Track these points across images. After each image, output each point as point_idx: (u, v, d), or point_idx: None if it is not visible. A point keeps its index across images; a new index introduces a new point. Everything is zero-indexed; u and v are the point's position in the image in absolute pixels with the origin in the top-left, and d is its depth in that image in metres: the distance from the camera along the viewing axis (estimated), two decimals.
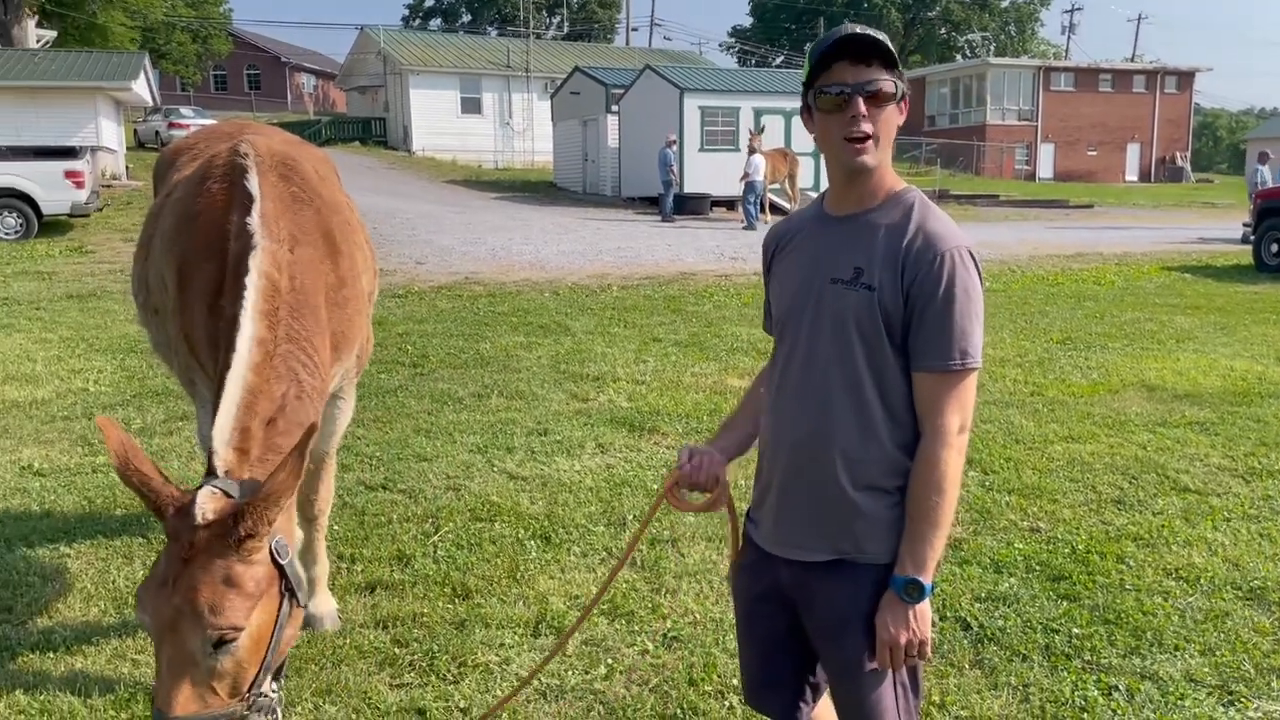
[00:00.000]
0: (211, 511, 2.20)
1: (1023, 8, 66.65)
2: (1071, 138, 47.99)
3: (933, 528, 1.93)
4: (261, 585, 2.24)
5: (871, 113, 1.91)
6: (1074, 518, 4.93)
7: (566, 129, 32.17)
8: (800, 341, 2.04)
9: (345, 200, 3.72)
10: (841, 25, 1.96)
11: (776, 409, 2.09)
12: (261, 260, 2.78)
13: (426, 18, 68.03)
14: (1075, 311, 11.56)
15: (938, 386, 1.93)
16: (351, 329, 3.32)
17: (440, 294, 12.38)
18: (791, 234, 2.16)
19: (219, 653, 2.17)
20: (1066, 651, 3.62)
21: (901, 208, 1.99)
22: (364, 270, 3.62)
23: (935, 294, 1.90)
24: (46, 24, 36.42)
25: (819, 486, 2.01)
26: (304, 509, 3.73)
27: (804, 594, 2.08)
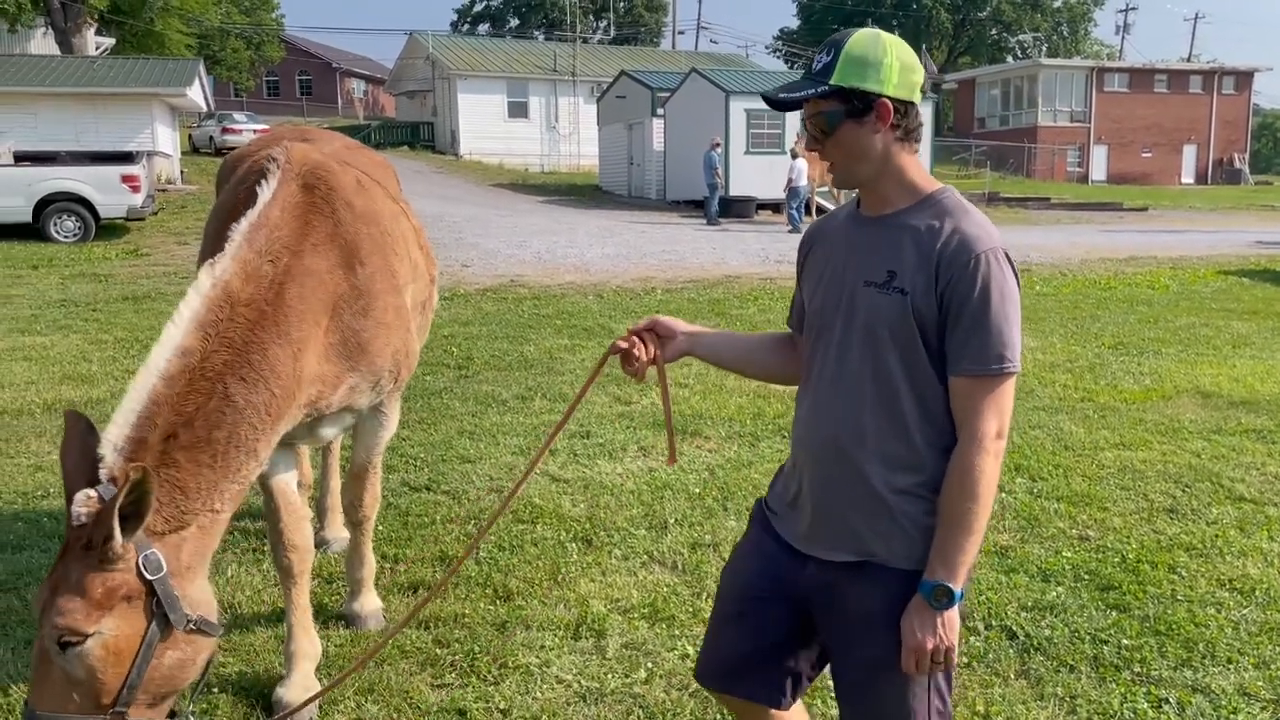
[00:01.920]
0: (85, 515, 2.23)
1: (1075, 8, 65.62)
2: (1125, 139, 47.15)
3: (965, 534, 1.91)
4: (114, 595, 2.24)
5: (824, 144, 2.00)
6: (1124, 526, 4.83)
7: (612, 132, 32.26)
8: (834, 343, 2.03)
9: (391, 210, 3.65)
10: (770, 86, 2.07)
11: (810, 408, 2.09)
12: (223, 269, 2.74)
13: (475, 23, 68.63)
14: (1128, 316, 11.34)
15: (975, 391, 1.91)
16: (375, 340, 3.21)
17: (485, 296, 12.47)
18: (827, 233, 2.18)
19: (67, 655, 2.20)
20: (1115, 663, 3.55)
21: (935, 209, 1.98)
22: (408, 281, 3.55)
23: (971, 297, 1.89)
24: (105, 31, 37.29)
25: (851, 487, 2.00)
26: (349, 513, 3.77)
27: (829, 594, 2.06)
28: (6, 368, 8.28)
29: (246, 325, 2.71)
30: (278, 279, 2.85)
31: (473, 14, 69.22)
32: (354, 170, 3.54)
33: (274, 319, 2.79)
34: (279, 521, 3.31)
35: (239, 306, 2.72)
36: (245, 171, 3.46)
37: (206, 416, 2.54)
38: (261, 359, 2.71)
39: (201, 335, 2.61)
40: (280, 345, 2.78)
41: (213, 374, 2.59)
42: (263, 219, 2.94)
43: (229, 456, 2.57)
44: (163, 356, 2.53)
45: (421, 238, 4.03)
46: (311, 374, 2.96)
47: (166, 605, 2.31)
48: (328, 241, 3.10)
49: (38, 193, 17.21)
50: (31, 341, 9.43)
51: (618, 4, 65.16)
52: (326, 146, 3.93)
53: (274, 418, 2.74)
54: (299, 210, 3.06)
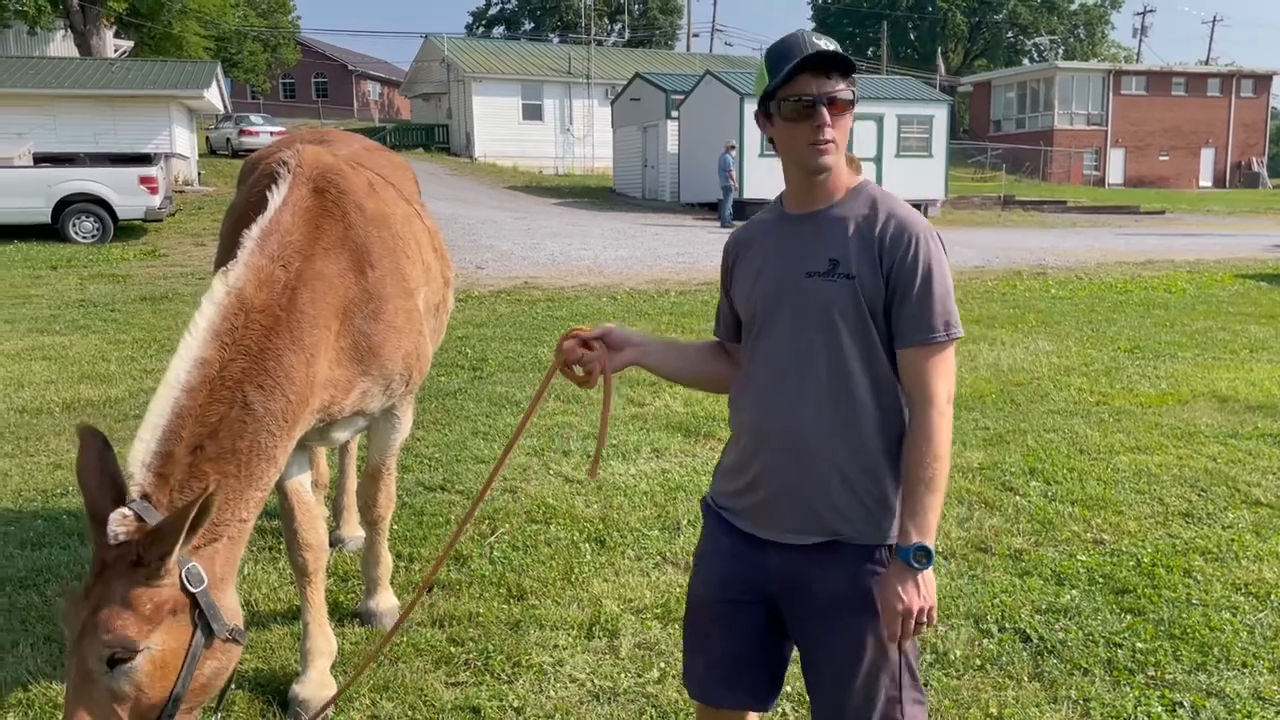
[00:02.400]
0: (122, 533, 2.22)
1: (1092, 10, 65.38)
2: (1143, 142, 46.92)
3: (933, 493, 2.01)
4: (162, 610, 2.25)
5: (833, 119, 2.04)
6: (1139, 530, 4.82)
7: (626, 135, 32.31)
8: (782, 335, 2.11)
9: (404, 212, 3.64)
10: (800, 38, 2.05)
11: (759, 401, 2.14)
12: (236, 276, 2.74)
13: (490, 25, 68.83)
14: (1144, 319, 11.29)
15: (927, 359, 2.03)
16: (386, 344, 3.21)
17: (499, 298, 12.51)
18: (752, 238, 2.25)
19: (115, 673, 2.19)
20: (1130, 666, 3.54)
21: (864, 199, 2.11)
22: (420, 285, 3.53)
23: (916, 274, 2.02)
24: (124, 34, 37.57)
25: (811, 470, 2.07)
26: (364, 513, 3.79)
27: (794, 578, 2.11)
28: (26, 367, 8.36)
29: (261, 332, 2.70)
30: (290, 284, 2.84)
31: (488, 17, 69.43)
32: (367, 172, 3.54)
33: (288, 325, 2.78)
34: (293, 521, 3.33)
35: (253, 313, 2.71)
36: (258, 175, 3.46)
37: (229, 426, 2.54)
38: (277, 366, 2.70)
39: (219, 344, 2.61)
40: (294, 352, 2.77)
41: (232, 383, 2.59)
42: (274, 224, 2.93)
43: (252, 465, 2.58)
44: (182, 368, 2.53)
45: (436, 240, 4.02)
46: (323, 379, 2.95)
47: (209, 616, 2.33)
48: (339, 245, 3.08)
49: (57, 194, 17.36)
50: (51, 341, 9.51)
51: (632, 6, 65.23)
52: (343, 149, 3.94)
53: (290, 424, 2.75)
54: (310, 214, 3.05)
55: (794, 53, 2.02)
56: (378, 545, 3.88)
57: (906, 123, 27.49)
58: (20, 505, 5.14)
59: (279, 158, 3.23)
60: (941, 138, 28.09)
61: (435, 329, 3.96)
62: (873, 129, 26.83)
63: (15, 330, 10.02)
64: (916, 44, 64.32)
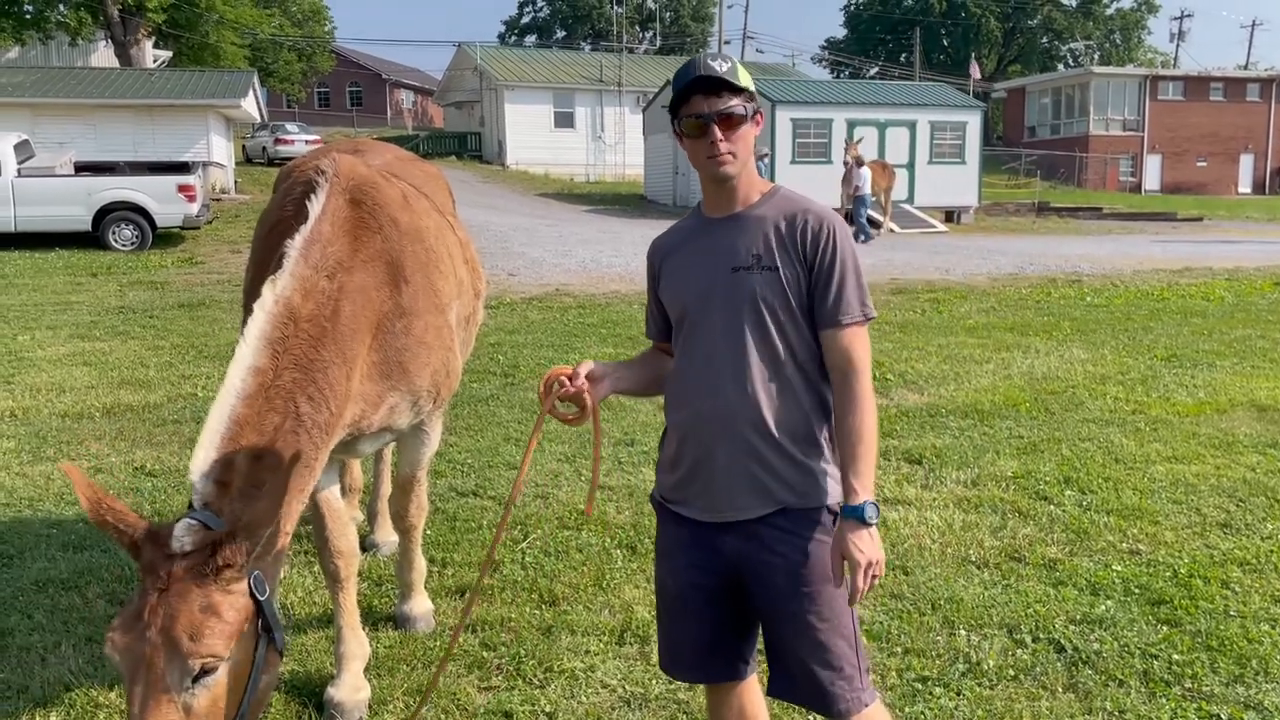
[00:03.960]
0: (190, 543, 2.17)
1: (1129, 15, 64.68)
2: (1180, 148, 46.33)
3: (870, 450, 2.21)
4: (241, 616, 2.19)
5: (726, 133, 2.23)
6: (1176, 540, 4.76)
7: (657, 142, 32.33)
8: (713, 325, 2.29)
9: (436, 225, 3.62)
10: (696, 61, 2.25)
11: (696, 389, 2.31)
12: (284, 285, 2.74)
13: (522, 34, 69.22)
14: (1181, 328, 11.15)
15: (850, 337, 2.26)
16: (415, 360, 3.18)
17: (531, 305, 12.57)
18: (677, 243, 2.45)
19: (197, 686, 2.10)
20: (1166, 678, 3.50)
21: (780, 201, 2.33)
22: (451, 299, 3.50)
23: (835, 263, 2.26)
24: (163, 44, 38.18)
25: (753, 448, 2.25)
26: (397, 522, 3.82)
27: (751, 554, 2.28)
28: (67, 372, 8.51)
29: (310, 342, 2.71)
30: (334, 295, 2.85)
31: (520, 25, 69.82)
32: (400, 184, 3.53)
33: (334, 336, 2.79)
34: (325, 529, 3.35)
35: (302, 323, 2.72)
36: (291, 183, 3.46)
37: (283, 436, 2.54)
38: (324, 378, 2.71)
39: (271, 353, 2.61)
40: (339, 364, 2.78)
41: (284, 393, 2.59)
42: (315, 234, 2.93)
43: (299, 476, 2.58)
44: (238, 376, 2.53)
45: (468, 251, 4.02)
46: (357, 392, 2.95)
47: (273, 625, 2.29)
48: (377, 258, 3.08)
49: (97, 202, 17.64)
50: (91, 347, 9.67)
51: (664, 14, 65.38)
52: (377, 159, 3.95)
53: (329, 436, 2.75)
54: (348, 225, 3.05)
55: (686, 75, 2.24)
56: (411, 551, 3.90)
57: (939, 129, 27.32)
58: (62, 509, 5.23)
59: (316, 166, 3.23)
60: (975, 144, 27.89)
61: (465, 341, 3.94)
62: (905, 135, 26.70)
63: (57, 336, 10.21)
64: (949, 50, 63.93)
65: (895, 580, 4.31)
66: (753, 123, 2.27)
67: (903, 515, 5.07)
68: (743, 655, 2.44)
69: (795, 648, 2.28)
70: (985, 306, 12.88)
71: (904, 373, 8.50)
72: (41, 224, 17.40)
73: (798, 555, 2.25)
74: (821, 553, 2.25)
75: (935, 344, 9.94)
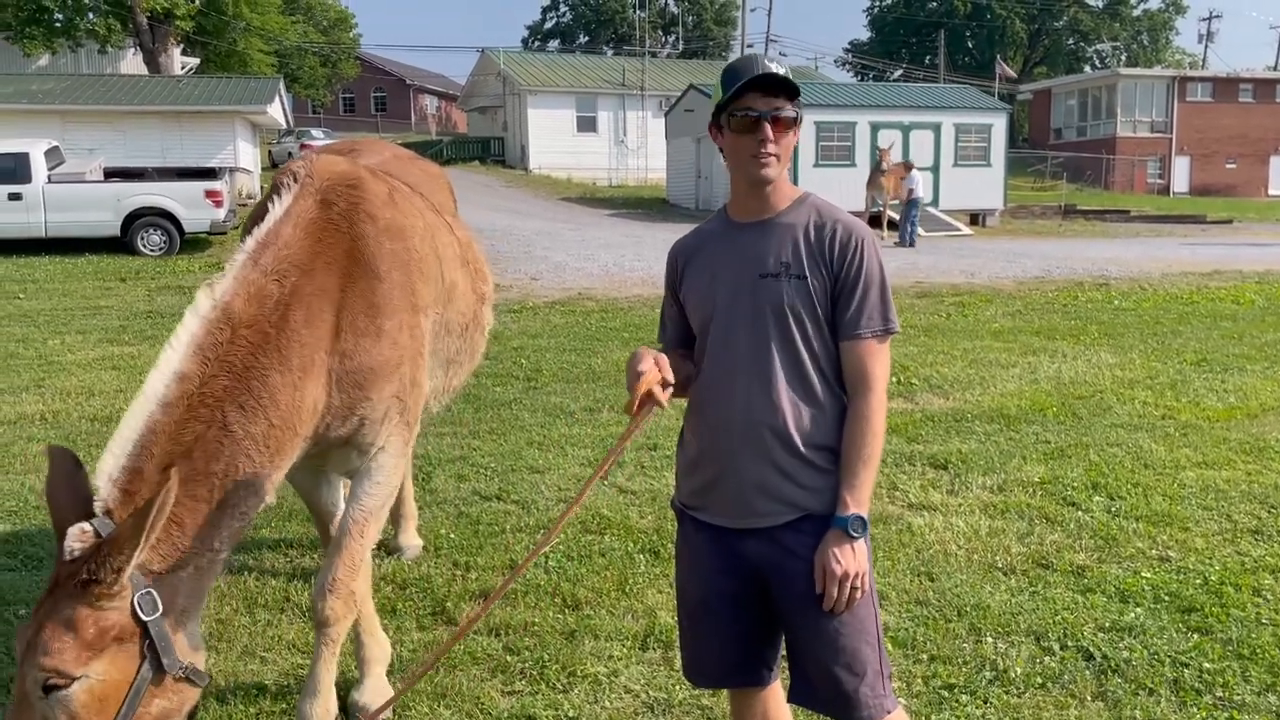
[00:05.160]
0: (78, 549, 2.11)
1: (1156, 16, 64.06)
2: (1209, 150, 45.80)
3: (869, 469, 2.22)
4: (106, 636, 2.11)
5: (776, 135, 2.23)
6: (1207, 547, 4.70)
7: (680, 146, 32.33)
8: (738, 331, 2.28)
9: (426, 224, 3.42)
10: (754, 60, 2.27)
11: (719, 395, 2.30)
12: (223, 290, 2.61)
13: (545, 39, 69.44)
14: (1211, 332, 11.02)
15: (871, 350, 2.25)
16: (382, 367, 2.95)
17: (554, 309, 12.59)
18: (701, 246, 2.42)
19: (50, 699, 2.05)
20: (1196, 686, 3.45)
21: (808, 209, 2.31)
22: (434, 303, 3.30)
23: (861, 274, 2.25)
24: (190, 51, 38.58)
25: (775, 456, 2.24)
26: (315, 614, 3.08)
27: (773, 560, 2.26)
28: (96, 376, 8.60)
29: (248, 349, 2.55)
30: (283, 300, 2.69)
31: (543, 31, 70.06)
32: (387, 182, 3.38)
33: (277, 343, 2.62)
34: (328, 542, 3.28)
35: (240, 329, 2.57)
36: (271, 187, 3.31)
37: (205, 447, 2.40)
38: (261, 386, 2.55)
39: (200, 360, 2.47)
40: (281, 372, 2.61)
41: (211, 401, 2.44)
42: (271, 236, 2.80)
43: (227, 491, 2.45)
44: (160, 382, 2.40)
45: (470, 252, 3.86)
46: (317, 404, 2.76)
47: (160, 649, 2.19)
48: (343, 258, 2.92)
49: (126, 207, 17.81)
50: (120, 351, 9.78)
51: (687, 18, 65.39)
52: (372, 157, 3.88)
53: (273, 451, 2.57)
54: (314, 226, 2.90)
55: (746, 72, 2.23)
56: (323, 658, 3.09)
57: (964, 131, 27.17)
58: None
59: (291, 168, 3.11)
60: (1000, 146, 27.71)
61: (467, 348, 3.77)
62: (929, 138, 26.56)
63: (86, 341, 10.32)
64: (974, 52, 63.57)
65: (921, 586, 4.27)
66: (796, 130, 2.27)
67: (928, 521, 5.03)
68: (765, 661, 2.42)
69: (816, 652, 2.27)
70: (1011, 310, 12.79)
71: (929, 377, 8.45)
72: (71, 229, 17.58)
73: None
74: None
75: (960, 348, 9.87)
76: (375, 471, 3.09)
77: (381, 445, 3.08)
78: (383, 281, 2.99)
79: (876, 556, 4.54)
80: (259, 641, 3.83)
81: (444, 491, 5.59)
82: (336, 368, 2.83)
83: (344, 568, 2.98)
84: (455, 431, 6.80)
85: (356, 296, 2.90)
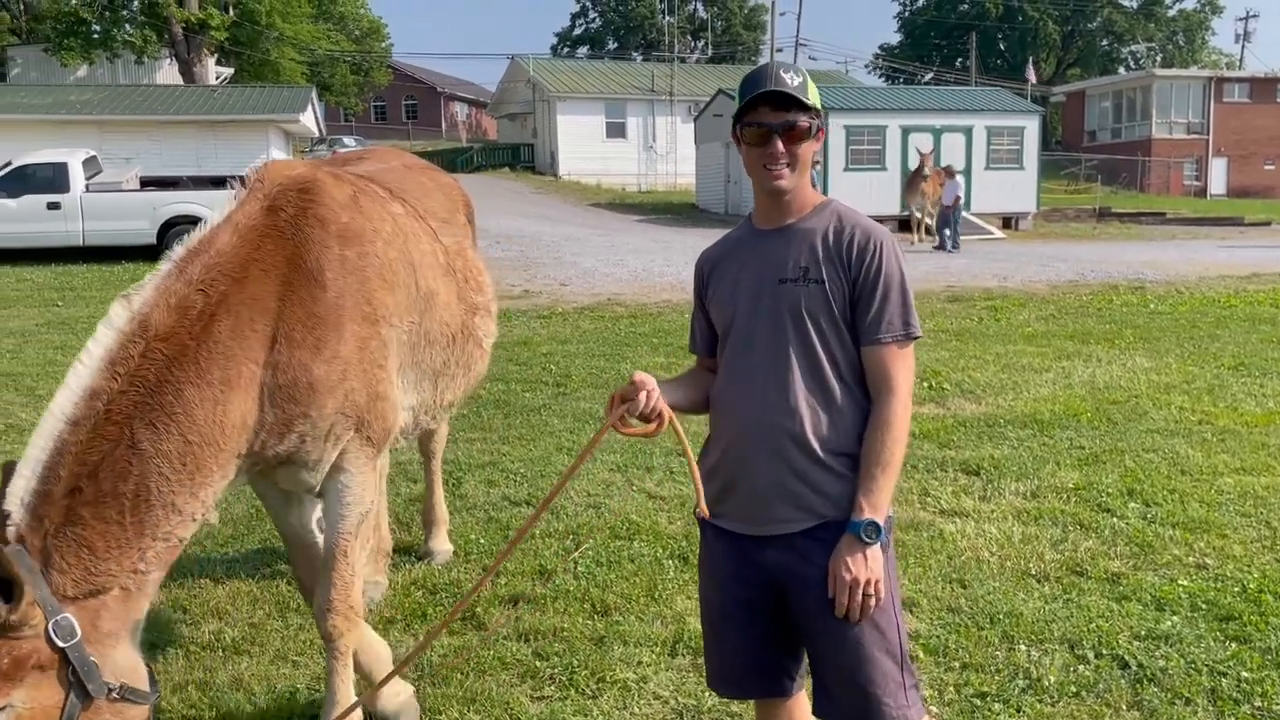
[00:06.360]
0: None
1: (1192, 16, 63.25)
2: (1246, 151, 45.13)
3: (887, 475, 2.19)
4: (24, 665, 2.08)
5: (789, 146, 2.23)
6: (1245, 554, 4.62)
7: (709, 151, 32.32)
8: (758, 337, 2.29)
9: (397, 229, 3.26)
10: (769, 70, 2.24)
11: (739, 401, 2.30)
12: (141, 302, 2.51)
13: (574, 45, 69.71)
14: (1250, 335, 10.85)
15: (892, 355, 2.24)
16: (321, 382, 2.78)
17: (583, 315, 12.62)
18: (725, 253, 2.44)
19: None
20: (1235, 696, 3.39)
21: (829, 214, 2.32)
22: (400, 312, 3.12)
23: (880, 278, 2.24)
24: (225, 61, 39.10)
25: (794, 462, 2.23)
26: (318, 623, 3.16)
27: (793, 567, 2.25)
28: None
29: (162, 362, 2.43)
30: (208, 310, 2.56)
31: (572, 37, 70.34)
32: (354, 185, 3.23)
33: (195, 356, 2.49)
34: (296, 569, 3.19)
35: (155, 342, 2.45)
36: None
37: (112, 466, 2.30)
38: (175, 401, 2.42)
39: (110, 374, 2.37)
40: (198, 386, 2.48)
41: (119, 418, 2.34)
42: (203, 245, 2.68)
43: (141, 512, 2.34)
44: (68, 399, 2.31)
45: (460, 261, 3.71)
46: (242, 419, 2.61)
47: (83, 674, 2.14)
48: (283, 265, 2.77)
49: (162, 216, 18.08)
50: None
51: (715, 23, 65.39)
52: (372, 165, 3.84)
53: (194, 469, 2.45)
54: (253, 233, 2.76)
55: (759, 84, 2.22)
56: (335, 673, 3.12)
57: (996, 134, 26.96)
58: None
59: (245, 174, 3.00)
60: (1033, 149, 27.47)
61: (459, 361, 3.62)
62: (961, 141, 26.38)
63: None
64: (1006, 55, 63.07)
65: (953, 593, 4.24)
66: (814, 139, 2.26)
67: (960, 527, 4.99)
68: (788, 671, 2.41)
69: (836, 662, 2.24)
70: (1044, 314, 12.66)
71: (961, 382, 8.38)
72: (108, 238, 17.87)
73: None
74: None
75: (993, 352, 9.79)
76: (341, 492, 3.03)
77: (342, 465, 2.99)
78: (327, 290, 2.84)
79: (908, 563, 4.51)
80: (291, 646, 3.86)
81: (474, 497, 5.62)
82: (269, 381, 2.68)
83: (336, 589, 3.03)
84: (485, 437, 6.83)
85: (295, 306, 2.76)
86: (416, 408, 3.44)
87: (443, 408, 3.73)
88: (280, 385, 2.70)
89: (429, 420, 3.67)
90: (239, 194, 2.87)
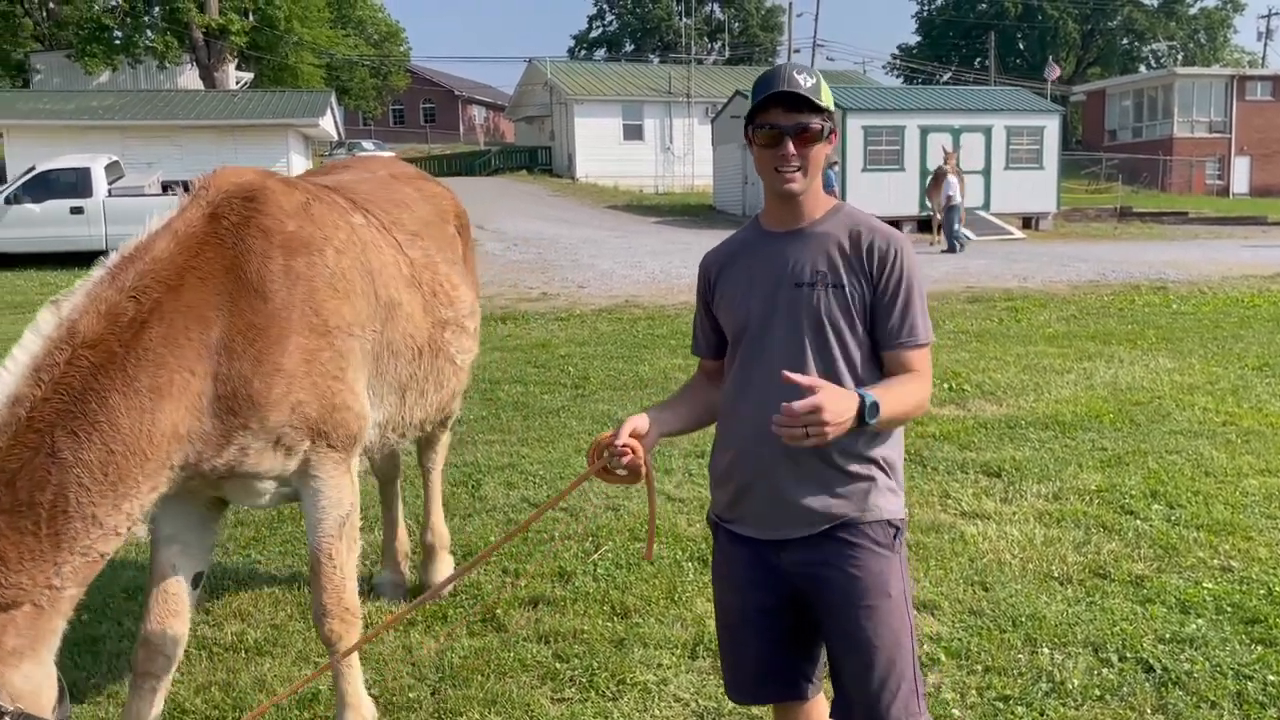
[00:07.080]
0: None
1: (1213, 14, 62.70)
2: (1270, 150, 44.68)
3: (899, 397, 2.16)
4: None
5: (800, 149, 2.21)
6: (1271, 557, 4.57)
7: (726, 152, 32.29)
8: (773, 341, 2.26)
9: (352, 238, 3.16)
10: (781, 72, 2.21)
11: (753, 405, 2.26)
12: (70, 308, 2.46)
13: (591, 48, 69.77)
14: (1274, 335, 10.74)
15: (912, 359, 2.25)
16: (261, 394, 2.70)
17: (601, 317, 12.63)
18: (733, 255, 2.41)
19: None
20: (1261, 700, 3.36)
21: (844, 218, 2.30)
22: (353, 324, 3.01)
23: (900, 283, 2.24)
24: (244, 66, 39.39)
25: (810, 466, 2.22)
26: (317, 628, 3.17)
27: (808, 564, 2.25)
28: None
29: (89, 370, 2.38)
30: (140, 318, 2.50)
31: (589, 40, 70.41)
32: (307, 193, 3.15)
33: (122, 363, 2.43)
34: (144, 620, 2.91)
35: (82, 349, 2.39)
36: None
37: (30, 475, 2.24)
38: (99, 408, 2.36)
39: (34, 381, 2.33)
40: (124, 394, 2.41)
41: (41, 425, 2.29)
42: (139, 251, 2.64)
43: (58, 524, 2.28)
44: None
45: (427, 275, 3.58)
46: (177, 429, 2.54)
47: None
48: (221, 274, 2.70)
49: None
50: None
51: (732, 25, 65.32)
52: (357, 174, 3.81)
53: (115, 480, 2.37)
54: (193, 240, 2.71)
55: (770, 85, 2.21)
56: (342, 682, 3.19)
57: (1016, 134, 26.80)
58: None
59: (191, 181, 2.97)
60: (1053, 149, 27.29)
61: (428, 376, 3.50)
62: (980, 141, 26.24)
63: None
64: (1026, 54, 62.73)
65: (974, 596, 4.21)
66: (827, 141, 2.25)
67: (981, 529, 4.96)
68: (805, 674, 2.41)
69: (849, 663, 2.26)
70: (1065, 314, 12.58)
71: (981, 383, 8.34)
72: None
73: (854, 569, 2.23)
74: (879, 567, 2.23)
75: (1014, 353, 9.73)
76: (315, 498, 3.00)
77: (311, 472, 2.95)
78: (269, 301, 2.76)
79: (929, 565, 4.49)
80: (313, 648, 3.88)
81: (493, 499, 5.63)
82: (208, 391, 2.62)
83: (327, 593, 3.03)
84: (504, 439, 6.85)
85: (235, 316, 2.69)
86: (383, 424, 3.33)
87: (411, 425, 3.60)
88: (219, 396, 2.64)
89: (396, 438, 3.57)
90: (182, 200, 2.82)
